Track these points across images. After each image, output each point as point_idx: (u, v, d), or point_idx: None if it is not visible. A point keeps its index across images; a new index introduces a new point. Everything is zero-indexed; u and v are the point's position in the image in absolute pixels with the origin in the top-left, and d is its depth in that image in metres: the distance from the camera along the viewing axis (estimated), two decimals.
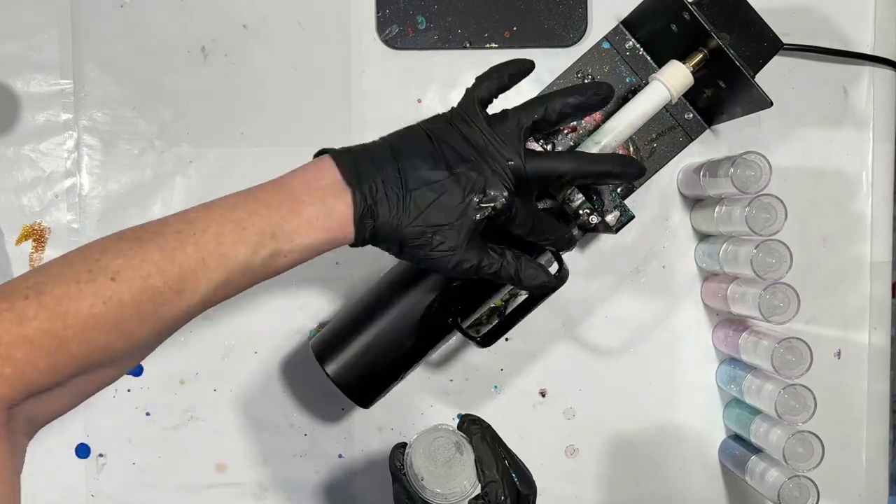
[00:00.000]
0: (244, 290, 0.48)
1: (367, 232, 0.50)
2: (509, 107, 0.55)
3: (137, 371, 0.73)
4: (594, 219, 0.67)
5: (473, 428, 0.56)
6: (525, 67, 0.55)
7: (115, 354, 0.45)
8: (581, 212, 0.67)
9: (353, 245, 0.51)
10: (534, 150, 0.54)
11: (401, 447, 0.56)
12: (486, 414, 0.74)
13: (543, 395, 0.76)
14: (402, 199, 0.50)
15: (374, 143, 0.53)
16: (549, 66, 0.74)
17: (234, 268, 0.46)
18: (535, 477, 0.76)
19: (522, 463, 0.56)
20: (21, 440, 0.45)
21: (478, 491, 0.54)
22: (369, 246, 0.73)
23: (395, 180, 0.50)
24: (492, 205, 0.51)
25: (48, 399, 0.45)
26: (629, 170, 0.56)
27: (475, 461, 0.54)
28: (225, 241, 0.46)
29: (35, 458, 0.72)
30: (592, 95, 0.54)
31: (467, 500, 0.54)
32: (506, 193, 0.51)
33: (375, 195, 0.49)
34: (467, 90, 0.55)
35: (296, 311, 0.74)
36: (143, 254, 0.45)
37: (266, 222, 0.48)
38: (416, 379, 0.74)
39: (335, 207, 0.49)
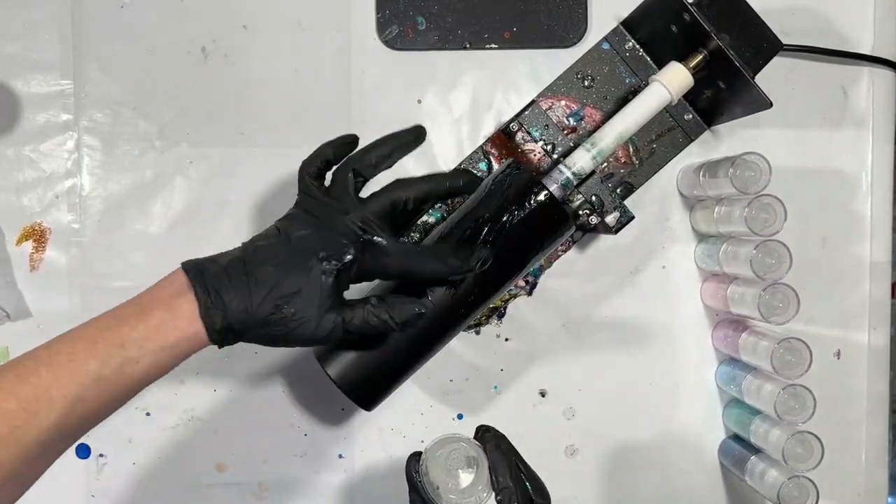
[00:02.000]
0: (105, 407, 0.49)
1: (218, 324, 0.50)
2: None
3: None
4: (594, 219, 0.67)
5: (487, 436, 0.57)
6: (348, 141, 0.58)
7: None
8: (581, 212, 0.67)
9: (215, 343, 0.52)
10: (367, 196, 0.56)
11: (416, 456, 0.57)
12: (487, 414, 0.75)
13: (543, 395, 0.76)
14: (247, 283, 0.51)
15: (228, 252, 0.54)
16: (549, 66, 0.75)
17: (86, 381, 0.48)
18: None
19: (536, 474, 0.57)
20: None
21: (492, 499, 0.55)
22: None
23: (238, 267, 0.51)
24: (335, 261, 0.52)
25: None
26: (457, 181, 0.57)
27: (489, 469, 0.55)
28: (76, 357, 0.48)
29: None
30: (405, 136, 0.58)
31: None
32: (350, 247, 0.53)
33: (219, 286, 0.50)
34: (298, 172, 0.57)
35: None
36: (3, 381, 0.47)
37: (115, 334, 0.49)
38: (416, 379, 0.74)
39: (180, 307, 0.50)
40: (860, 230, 0.77)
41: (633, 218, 0.68)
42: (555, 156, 0.68)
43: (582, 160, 0.65)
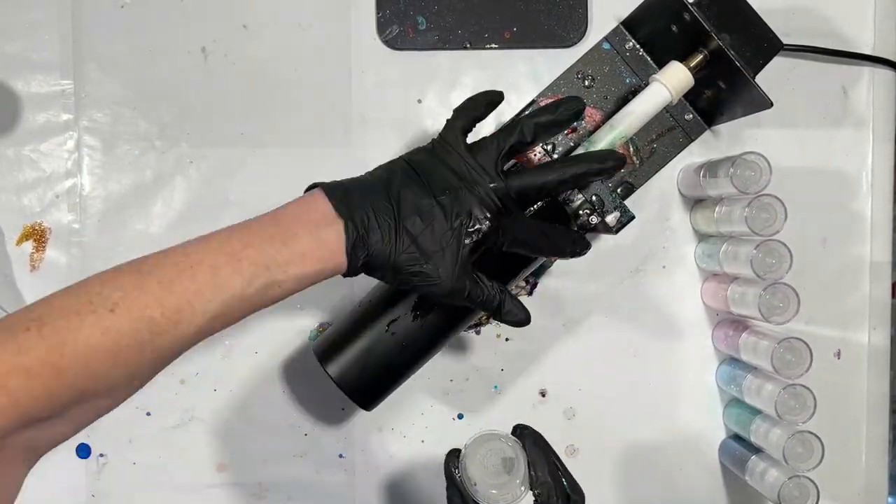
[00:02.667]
0: (240, 319, 0.50)
1: (359, 261, 0.51)
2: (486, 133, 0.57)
3: None
4: (594, 219, 0.67)
5: (526, 433, 0.58)
6: (496, 98, 0.57)
7: (112, 384, 0.46)
8: (581, 212, 0.67)
9: (345, 275, 0.52)
10: (513, 170, 0.55)
11: (455, 452, 0.58)
12: (487, 414, 0.75)
13: (543, 395, 0.76)
14: (394, 228, 0.51)
15: (362, 176, 0.55)
16: (549, 66, 0.75)
17: (230, 299, 0.47)
18: None
19: (570, 472, 0.58)
20: (16, 469, 0.46)
21: (530, 495, 0.56)
22: None
23: (387, 210, 0.52)
24: (478, 227, 0.53)
25: (46, 428, 0.45)
26: (607, 165, 0.56)
27: (527, 464, 0.56)
28: (221, 272, 0.47)
29: None
30: (563, 111, 0.56)
31: (518, 501, 0.56)
32: (489, 216, 0.53)
33: (367, 225, 0.51)
34: (448, 122, 0.56)
35: (296, 312, 0.74)
36: (142, 286, 0.46)
37: (260, 254, 0.49)
38: (417, 379, 0.74)
39: (327, 238, 0.50)
40: (860, 230, 0.77)
41: (633, 218, 0.68)
42: (555, 156, 0.68)
43: None
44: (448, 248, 0.52)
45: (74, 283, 0.46)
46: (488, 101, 0.57)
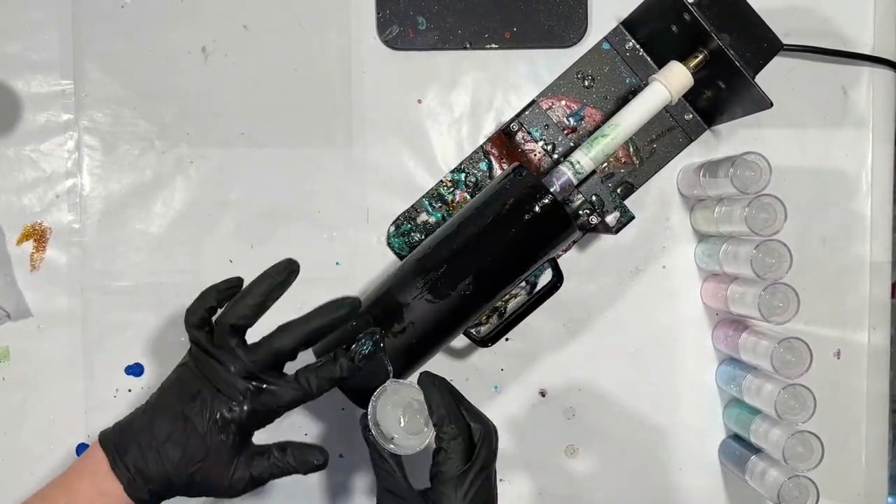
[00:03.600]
0: None
1: (145, 495, 0.53)
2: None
3: (138, 371, 0.73)
4: (594, 219, 0.67)
5: (423, 374, 0.59)
6: (231, 285, 0.58)
7: None
8: (581, 212, 0.67)
9: None
10: (252, 344, 0.56)
11: (366, 414, 0.59)
12: (487, 413, 0.75)
13: (543, 395, 0.76)
14: (159, 455, 0.54)
15: (136, 410, 0.57)
16: (550, 66, 0.75)
17: None
18: (535, 477, 0.76)
19: (476, 408, 0.60)
20: None
21: (433, 432, 0.57)
22: (372, 247, 0.73)
23: (150, 441, 0.54)
24: (230, 423, 0.54)
25: None
26: (340, 313, 0.56)
27: (426, 401, 0.57)
28: None
29: (37, 458, 0.72)
30: (277, 275, 0.57)
31: (427, 441, 0.58)
32: (242, 405, 0.54)
33: (137, 462, 0.53)
34: (184, 321, 0.57)
35: (295, 311, 0.74)
36: None
37: None
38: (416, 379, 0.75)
39: (105, 486, 0.53)
40: (860, 230, 0.77)
41: (633, 218, 0.68)
42: (555, 156, 0.69)
43: (582, 160, 0.65)
44: (211, 451, 0.54)
45: None
46: (220, 290, 0.58)
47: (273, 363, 0.56)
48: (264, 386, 0.55)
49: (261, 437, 0.73)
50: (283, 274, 0.57)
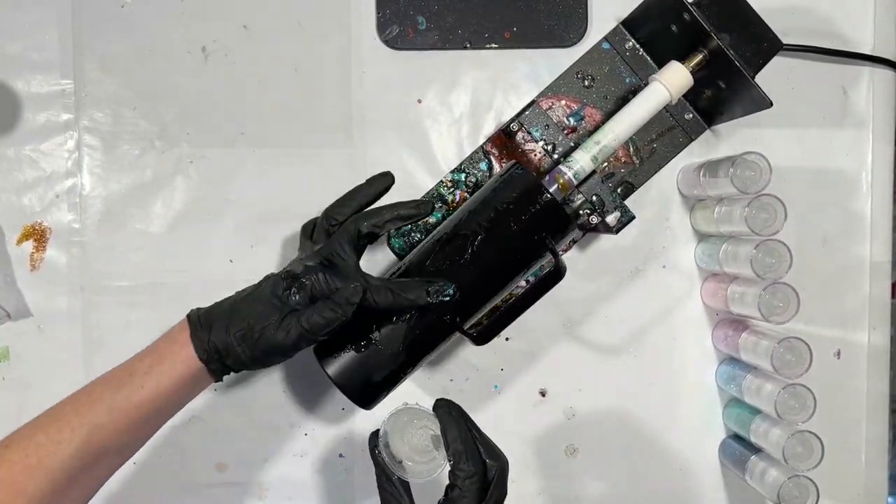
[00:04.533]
0: (124, 434, 0.56)
1: (205, 344, 0.56)
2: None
3: None
4: (594, 219, 0.67)
5: (439, 402, 0.59)
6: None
7: None
8: (581, 212, 0.67)
9: (206, 364, 0.57)
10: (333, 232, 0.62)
11: (376, 433, 0.59)
12: (486, 414, 0.75)
13: (543, 395, 0.76)
14: (229, 310, 0.58)
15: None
16: (550, 66, 0.75)
17: (100, 410, 0.54)
18: (534, 477, 0.76)
19: (490, 439, 0.59)
20: None
21: (447, 463, 0.56)
22: (370, 249, 0.74)
23: (228, 302, 0.59)
24: (298, 284, 0.58)
25: None
26: (409, 210, 0.61)
27: (441, 432, 0.57)
28: (94, 391, 0.55)
29: None
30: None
31: (440, 472, 0.57)
32: (308, 264, 0.59)
33: (209, 316, 0.57)
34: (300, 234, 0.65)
35: None
36: (35, 421, 0.54)
37: (127, 368, 0.57)
38: (416, 379, 0.75)
39: (178, 335, 0.57)
40: (860, 230, 0.77)
41: (633, 218, 0.68)
42: (555, 156, 0.69)
43: (582, 160, 0.65)
44: (275, 306, 0.57)
45: None
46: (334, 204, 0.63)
47: (349, 239, 0.60)
48: (334, 261, 0.59)
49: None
50: (380, 180, 0.63)
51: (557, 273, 0.63)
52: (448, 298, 0.59)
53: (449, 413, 0.57)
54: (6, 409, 0.72)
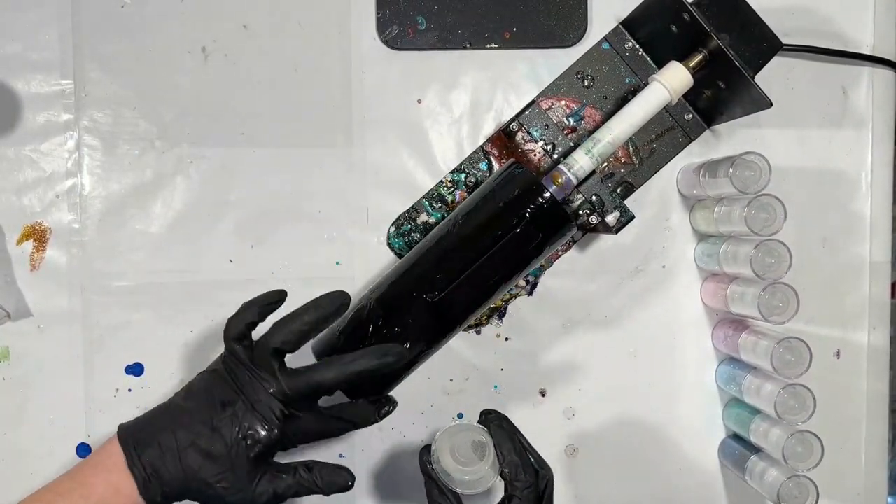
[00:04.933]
0: None
1: (158, 497, 0.53)
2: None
3: (138, 371, 0.73)
4: (594, 219, 0.67)
5: (490, 417, 0.60)
6: (273, 300, 0.58)
7: None
8: (581, 212, 0.67)
9: None
10: (292, 370, 0.56)
11: (428, 448, 0.61)
12: None
13: (543, 395, 0.76)
14: (179, 458, 0.53)
15: (160, 406, 0.57)
16: (550, 66, 0.75)
17: None
18: None
19: (534, 448, 0.61)
20: None
21: (498, 476, 0.59)
22: (372, 247, 0.74)
23: (172, 442, 0.54)
24: (258, 439, 0.54)
25: None
26: (387, 360, 0.56)
27: (494, 446, 0.59)
28: None
29: (37, 458, 0.72)
30: (328, 306, 0.57)
31: (491, 483, 0.59)
32: (269, 427, 0.54)
33: (155, 462, 0.53)
34: (224, 334, 0.57)
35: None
36: None
37: None
38: (417, 379, 0.74)
39: (120, 483, 0.53)
40: (860, 230, 0.77)
41: (633, 218, 0.68)
42: (555, 156, 0.69)
43: (582, 160, 0.65)
44: (235, 464, 0.54)
45: None
46: (262, 304, 0.57)
47: (310, 395, 0.56)
48: (299, 415, 0.55)
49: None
50: (334, 306, 0.57)
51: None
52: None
53: (501, 427, 0.60)
54: (6, 409, 0.72)
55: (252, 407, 0.54)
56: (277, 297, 0.58)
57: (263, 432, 0.54)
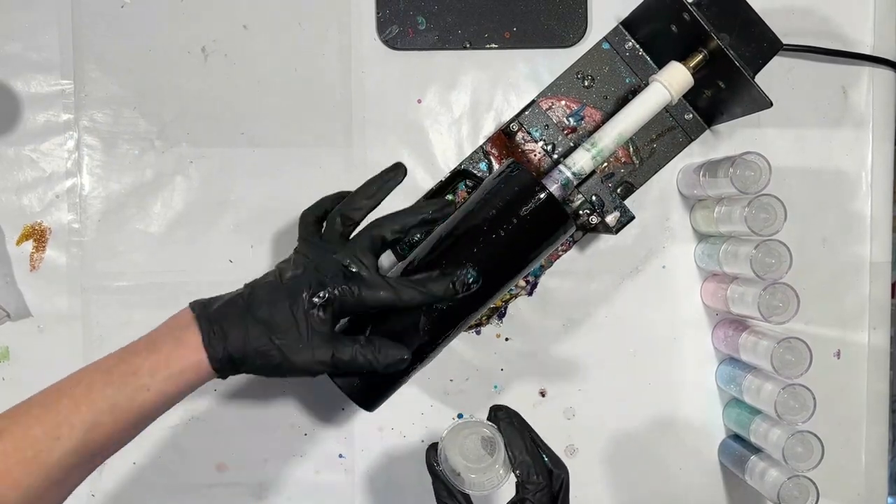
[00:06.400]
0: (124, 432, 0.53)
1: (220, 353, 0.53)
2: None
3: None
4: (594, 219, 0.67)
5: (500, 414, 0.58)
6: (345, 193, 0.61)
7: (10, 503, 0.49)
8: (581, 212, 0.67)
9: (218, 372, 0.54)
10: (352, 237, 0.59)
11: (434, 446, 0.58)
12: (486, 414, 0.75)
13: (543, 395, 0.76)
14: (245, 315, 0.54)
15: (230, 292, 0.57)
16: (550, 66, 0.75)
17: (102, 407, 0.52)
18: None
19: (549, 447, 0.58)
20: None
21: (511, 475, 0.56)
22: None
23: (238, 303, 0.55)
24: (320, 296, 0.55)
25: None
26: (436, 213, 0.59)
27: (505, 446, 0.56)
28: (94, 387, 0.52)
29: None
30: (386, 175, 0.60)
31: (503, 484, 0.56)
32: (335, 281, 0.55)
33: (221, 319, 0.54)
34: (299, 218, 0.61)
35: None
36: (28, 411, 0.52)
37: (128, 365, 0.53)
38: (417, 379, 0.74)
39: (186, 339, 0.54)
40: (860, 230, 0.77)
41: (633, 218, 0.68)
42: (555, 156, 0.68)
43: (582, 160, 0.65)
44: (298, 322, 0.54)
45: None
46: (336, 196, 0.61)
47: (371, 246, 0.57)
48: (358, 270, 0.56)
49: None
50: (393, 173, 0.60)
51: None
52: (475, 285, 0.58)
53: (511, 423, 0.57)
54: (6, 409, 0.72)
55: (316, 269, 0.56)
56: (348, 193, 0.61)
57: (323, 291, 0.55)
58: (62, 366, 0.72)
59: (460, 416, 0.75)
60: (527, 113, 0.68)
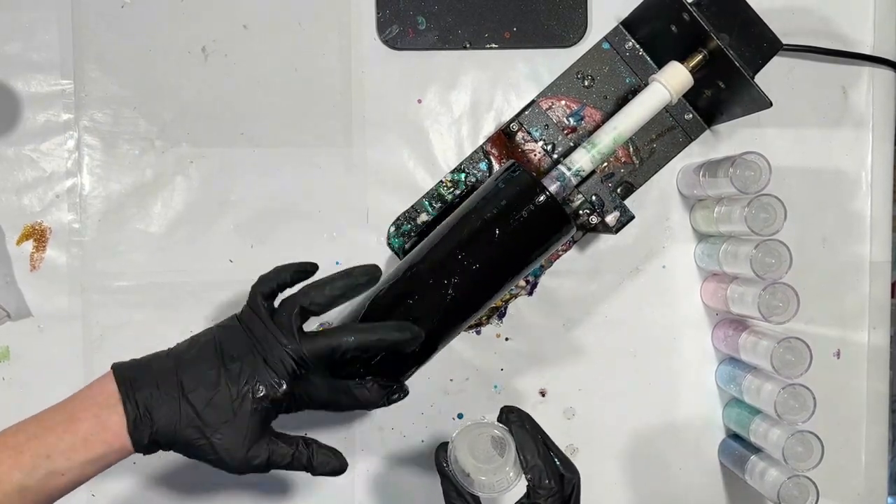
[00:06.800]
0: None
1: (146, 439, 0.51)
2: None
3: None
4: (594, 219, 0.67)
5: (512, 417, 0.57)
6: (307, 269, 0.58)
7: None
8: (581, 212, 0.67)
9: (140, 452, 0.52)
10: (310, 332, 0.55)
11: (444, 446, 0.58)
12: (486, 414, 0.75)
13: (543, 395, 0.76)
14: (177, 402, 0.51)
15: (162, 351, 0.55)
16: (550, 66, 0.75)
17: (10, 491, 0.48)
18: None
19: (560, 450, 0.58)
20: None
21: (522, 478, 0.55)
22: (372, 247, 0.74)
23: (171, 384, 0.51)
24: (266, 394, 0.52)
25: None
26: (404, 336, 0.55)
27: (516, 449, 0.55)
28: (2, 467, 0.48)
29: None
30: (361, 276, 0.56)
31: (513, 486, 0.56)
32: (279, 381, 0.52)
33: (150, 402, 0.51)
34: (252, 287, 0.57)
35: None
36: None
37: (42, 444, 0.49)
38: (417, 379, 0.74)
39: (109, 420, 0.50)
40: (860, 230, 0.77)
41: (633, 218, 0.68)
42: (555, 156, 0.69)
43: (582, 160, 0.65)
44: (237, 417, 0.51)
45: None
46: (296, 269, 0.57)
47: (326, 358, 0.54)
48: (310, 378, 0.54)
49: None
50: (365, 278, 0.56)
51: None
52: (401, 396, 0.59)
53: (522, 426, 0.56)
54: (6, 409, 0.72)
55: (264, 360, 0.52)
56: (311, 268, 0.58)
57: (269, 388, 0.52)
58: (62, 366, 0.73)
59: (460, 416, 0.75)
60: (527, 113, 0.68)
